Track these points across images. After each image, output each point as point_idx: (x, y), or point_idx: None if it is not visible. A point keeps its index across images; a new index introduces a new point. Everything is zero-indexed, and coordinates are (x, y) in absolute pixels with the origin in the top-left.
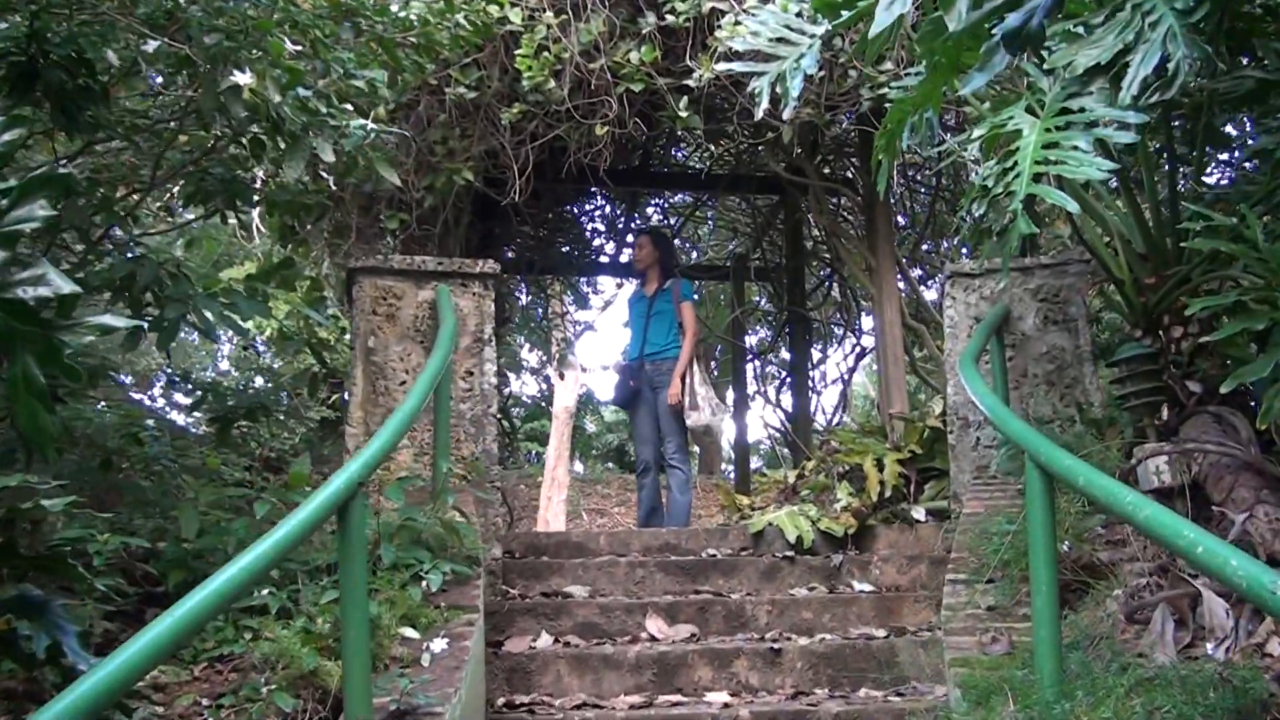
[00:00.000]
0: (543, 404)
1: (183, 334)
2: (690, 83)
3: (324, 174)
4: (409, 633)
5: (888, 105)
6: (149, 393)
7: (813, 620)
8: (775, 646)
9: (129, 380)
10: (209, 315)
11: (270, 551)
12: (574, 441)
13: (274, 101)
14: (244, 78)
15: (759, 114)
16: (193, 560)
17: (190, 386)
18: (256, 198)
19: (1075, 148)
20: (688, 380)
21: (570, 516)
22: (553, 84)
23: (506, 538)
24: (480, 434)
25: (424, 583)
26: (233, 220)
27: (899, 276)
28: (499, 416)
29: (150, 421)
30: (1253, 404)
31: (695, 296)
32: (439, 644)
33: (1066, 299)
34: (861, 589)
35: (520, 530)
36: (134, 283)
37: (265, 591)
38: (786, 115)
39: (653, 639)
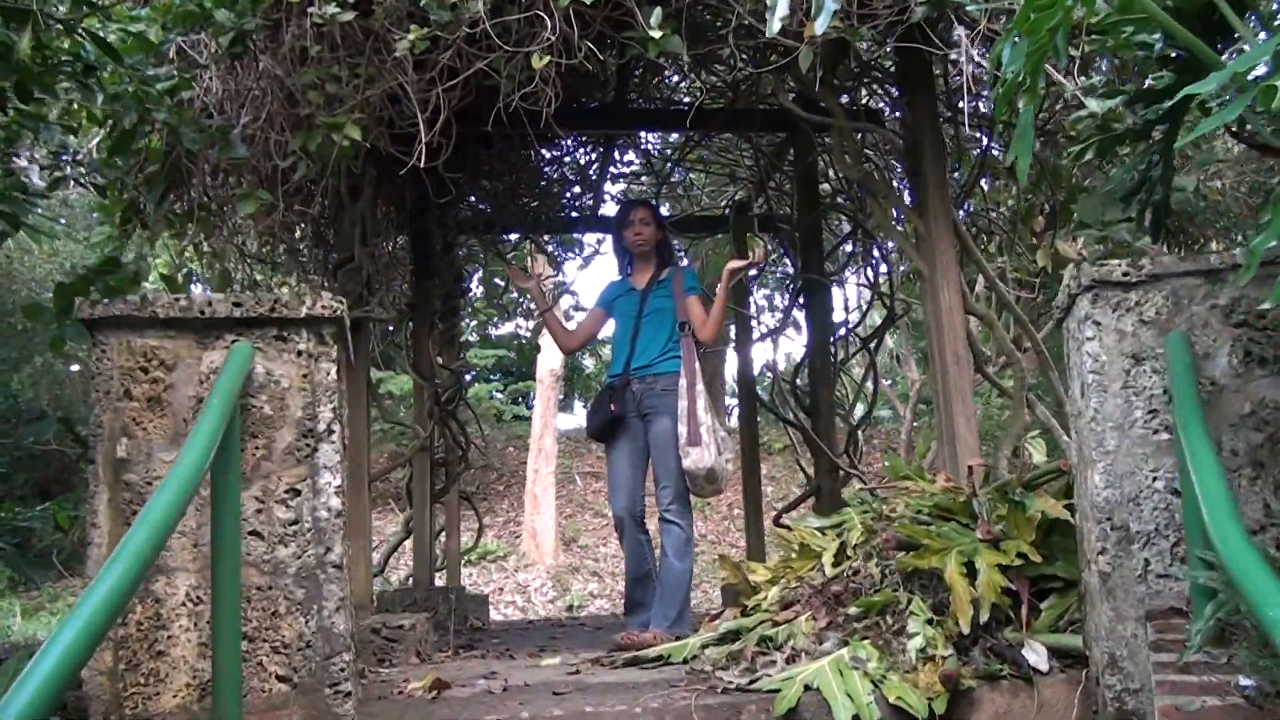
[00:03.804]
0: (531, 350)
1: None
2: None
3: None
4: None
5: (968, 6)
6: None
7: None
8: None
9: None
10: None
11: None
12: (572, 385)
13: None
14: None
15: (773, 27)
16: None
17: None
18: None
19: None
20: (689, 405)
21: (561, 483)
22: None
23: None
24: (315, 598)
25: None
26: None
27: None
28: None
29: None
30: None
31: (700, 288)
32: None
33: None
34: None
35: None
36: None
37: None
38: (820, 27)
39: None
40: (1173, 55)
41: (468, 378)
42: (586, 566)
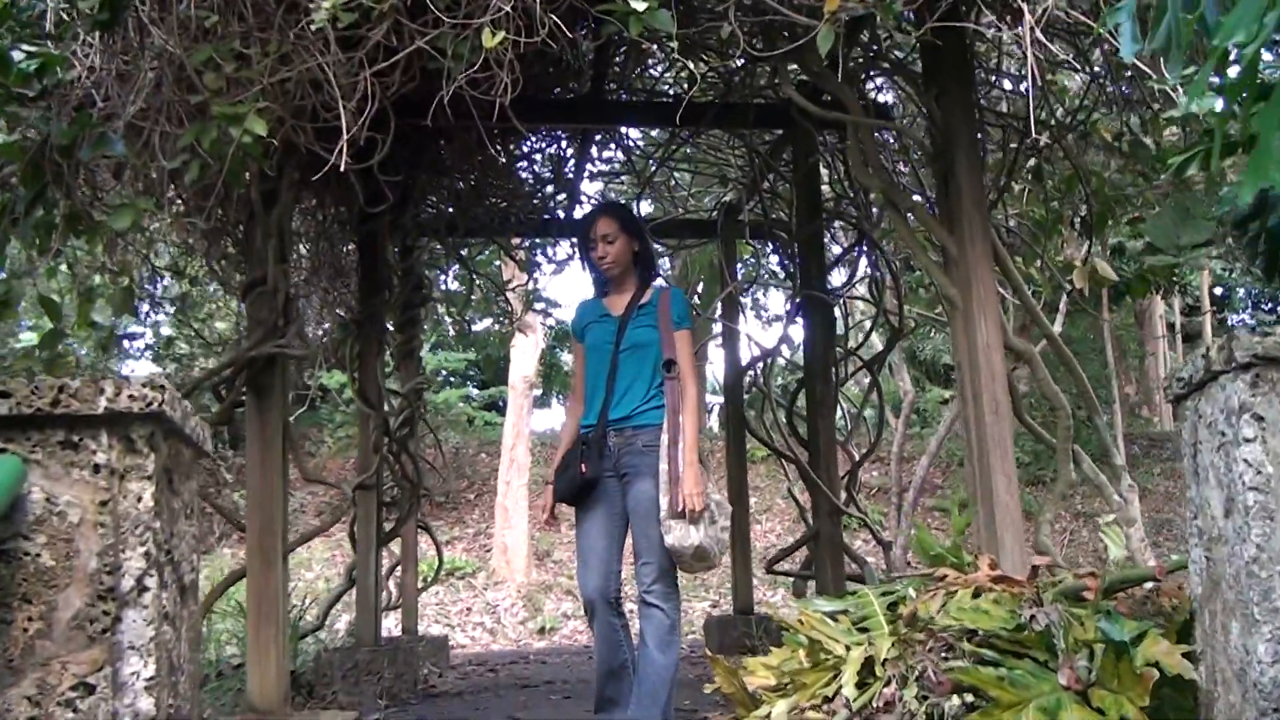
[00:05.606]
0: (501, 357)
1: None
2: None
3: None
4: None
5: None
6: None
7: None
8: None
9: None
10: None
11: None
12: (551, 381)
13: None
14: None
15: None
16: None
17: None
18: None
19: None
20: (671, 469)
21: (535, 494)
22: None
23: None
24: None
25: None
26: None
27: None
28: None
29: None
30: None
31: (691, 319)
32: None
33: None
34: None
35: None
36: None
37: None
38: None
39: None
40: None
41: (438, 378)
42: (560, 584)
